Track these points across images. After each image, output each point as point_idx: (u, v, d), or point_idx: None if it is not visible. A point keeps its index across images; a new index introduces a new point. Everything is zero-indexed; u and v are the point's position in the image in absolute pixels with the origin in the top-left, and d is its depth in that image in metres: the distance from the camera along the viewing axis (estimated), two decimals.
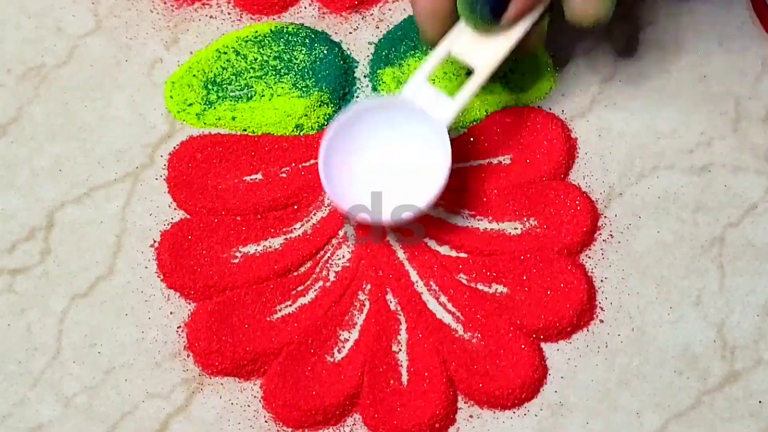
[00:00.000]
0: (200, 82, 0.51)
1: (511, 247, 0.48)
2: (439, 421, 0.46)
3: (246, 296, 0.47)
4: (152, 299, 0.48)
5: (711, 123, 0.51)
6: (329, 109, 0.50)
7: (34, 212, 0.49)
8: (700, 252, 0.49)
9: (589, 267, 0.48)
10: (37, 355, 0.47)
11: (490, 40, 0.45)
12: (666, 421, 0.46)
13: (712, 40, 0.52)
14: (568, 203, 0.49)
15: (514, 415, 0.46)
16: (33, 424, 0.46)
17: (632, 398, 0.46)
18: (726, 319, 0.47)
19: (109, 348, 0.47)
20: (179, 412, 0.46)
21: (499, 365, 0.46)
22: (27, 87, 0.51)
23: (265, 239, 0.48)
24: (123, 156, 0.50)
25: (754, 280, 0.48)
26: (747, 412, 0.46)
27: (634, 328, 0.47)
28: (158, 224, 0.49)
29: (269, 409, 0.46)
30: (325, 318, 0.47)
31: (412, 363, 0.46)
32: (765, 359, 0.47)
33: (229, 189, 0.49)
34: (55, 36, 0.52)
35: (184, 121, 0.51)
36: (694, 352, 0.47)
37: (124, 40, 0.52)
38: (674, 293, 0.48)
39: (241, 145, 0.50)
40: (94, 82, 0.51)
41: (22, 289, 0.48)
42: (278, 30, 0.52)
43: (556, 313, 0.47)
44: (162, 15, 0.53)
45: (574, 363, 0.47)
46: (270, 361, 0.47)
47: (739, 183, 0.50)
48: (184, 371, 0.47)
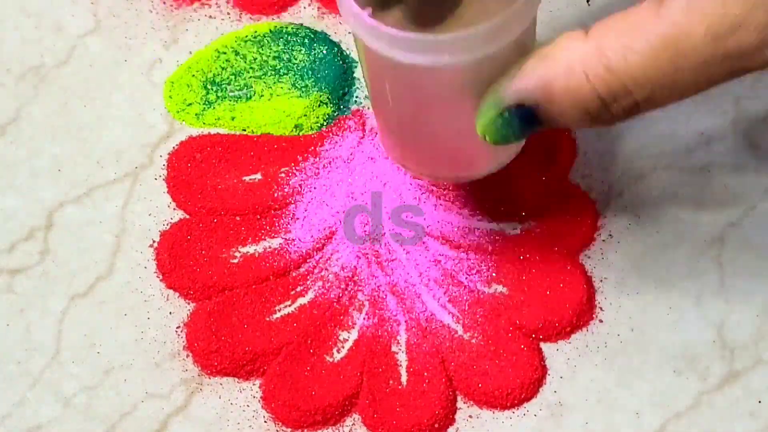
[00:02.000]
0: (199, 82, 0.51)
1: (511, 247, 0.48)
2: (439, 422, 0.46)
3: (245, 296, 0.47)
4: (151, 299, 0.48)
5: (711, 123, 0.51)
6: (328, 109, 0.50)
7: (34, 212, 0.49)
8: (700, 252, 0.49)
9: (588, 267, 0.48)
10: (36, 356, 0.47)
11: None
12: (665, 421, 0.46)
13: None
14: (568, 203, 0.49)
15: (514, 415, 0.46)
16: (32, 424, 0.46)
17: (632, 398, 0.46)
18: (726, 319, 0.47)
19: (109, 348, 0.47)
20: (178, 412, 0.46)
21: (498, 365, 0.46)
22: (26, 87, 0.51)
23: (264, 239, 0.48)
24: (122, 156, 0.50)
25: (754, 280, 0.48)
26: (747, 412, 0.46)
27: (634, 328, 0.47)
28: (157, 224, 0.49)
29: (269, 409, 0.46)
30: (324, 318, 0.47)
31: (412, 363, 0.46)
32: (765, 359, 0.47)
33: (229, 189, 0.49)
34: (55, 36, 0.52)
35: (184, 121, 0.51)
36: (694, 352, 0.47)
37: (123, 40, 0.52)
38: (674, 293, 0.48)
39: (241, 145, 0.50)
40: (94, 82, 0.51)
41: (22, 289, 0.48)
42: (277, 30, 0.52)
43: (555, 313, 0.47)
44: (161, 15, 0.53)
45: (573, 363, 0.47)
46: (269, 361, 0.47)
47: (739, 183, 0.50)
48: (183, 371, 0.47)
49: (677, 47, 0.35)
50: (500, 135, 0.39)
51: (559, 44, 0.37)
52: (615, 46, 0.36)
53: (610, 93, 0.36)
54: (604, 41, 0.36)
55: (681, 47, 0.35)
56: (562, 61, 0.36)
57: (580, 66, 0.36)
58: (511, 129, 0.38)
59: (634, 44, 0.35)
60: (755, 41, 0.35)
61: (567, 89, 0.36)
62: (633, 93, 0.36)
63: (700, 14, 0.35)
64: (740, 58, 0.35)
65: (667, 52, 0.35)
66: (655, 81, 0.36)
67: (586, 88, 0.36)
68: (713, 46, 0.35)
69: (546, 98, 0.37)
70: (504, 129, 0.38)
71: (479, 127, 0.39)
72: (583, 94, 0.36)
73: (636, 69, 0.35)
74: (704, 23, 0.35)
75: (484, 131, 0.39)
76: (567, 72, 0.36)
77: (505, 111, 0.38)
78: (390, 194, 0.49)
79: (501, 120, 0.38)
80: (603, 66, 0.36)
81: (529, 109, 0.37)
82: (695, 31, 0.35)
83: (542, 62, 0.37)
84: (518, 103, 0.38)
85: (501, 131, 0.39)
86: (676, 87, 0.36)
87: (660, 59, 0.35)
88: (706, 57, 0.35)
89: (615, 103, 0.36)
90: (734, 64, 0.35)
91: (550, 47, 0.37)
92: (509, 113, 0.38)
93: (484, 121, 0.39)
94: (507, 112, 0.38)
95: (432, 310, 0.47)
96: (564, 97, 0.37)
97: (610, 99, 0.36)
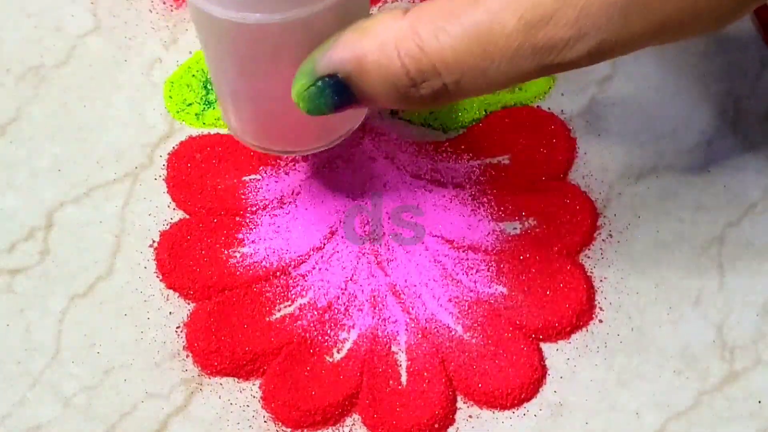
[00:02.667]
0: (199, 82, 0.51)
1: (511, 247, 0.48)
2: (439, 422, 0.46)
3: (245, 296, 0.47)
4: (151, 299, 0.48)
5: (711, 123, 0.51)
6: None
7: (33, 212, 0.49)
8: (700, 252, 0.49)
9: (588, 267, 0.48)
10: (36, 355, 0.47)
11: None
12: (665, 420, 0.46)
13: (711, 40, 0.52)
14: (568, 203, 0.49)
15: (514, 415, 0.46)
16: (32, 424, 0.46)
17: (631, 398, 0.46)
18: (725, 319, 0.47)
19: (109, 348, 0.47)
20: (178, 412, 0.46)
21: (498, 365, 0.46)
22: (26, 87, 0.51)
23: (264, 239, 0.48)
24: (122, 156, 0.50)
25: (753, 280, 0.48)
26: (746, 412, 0.46)
27: (634, 328, 0.47)
28: (157, 224, 0.49)
29: (268, 409, 0.46)
30: (324, 318, 0.47)
31: (412, 363, 0.46)
32: (764, 359, 0.47)
33: (229, 189, 0.49)
34: (54, 36, 0.52)
35: (184, 121, 0.51)
36: (694, 352, 0.47)
37: (123, 40, 0.52)
38: (674, 293, 0.48)
39: (240, 145, 0.50)
40: (93, 82, 0.51)
41: (22, 289, 0.48)
42: None
43: (555, 313, 0.47)
44: (161, 15, 0.53)
45: (573, 363, 0.47)
46: (269, 361, 0.47)
47: (739, 183, 0.50)
48: (183, 371, 0.47)
49: (490, 34, 0.35)
50: (313, 104, 0.39)
51: (377, 19, 0.37)
52: (429, 27, 0.36)
53: (419, 72, 0.36)
54: (420, 21, 0.36)
55: (493, 35, 0.35)
56: (377, 36, 0.37)
57: (393, 42, 0.36)
58: (324, 99, 0.38)
59: (448, 27, 0.36)
60: (565, 35, 0.35)
61: (378, 64, 0.37)
62: (442, 75, 0.36)
63: (515, 3, 0.35)
64: (550, 52, 0.35)
65: (480, 38, 0.35)
66: (465, 65, 0.36)
67: (396, 64, 0.36)
68: (524, 36, 0.35)
69: (358, 71, 0.37)
70: (316, 98, 0.38)
71: (294, 94, 0.39)
72: (393, 71, 0.37)
73: (447, 51, 0.36)
74: (518, 13, 0.35)
75: (298, 99, 0.39)
76: (380, 47, 0.36)
77: (319, 80, 0.38)
78: (390, 194, 0.49)
79: (315, 89, 0.38)
80: (415, 44, 0.36)
81: (342, 81, 0.38)
82: (508, 20, 0.35)
83: (358, 35, 0.37)
84: (331, 72, 0.38)
85: (314, 100, 0.39)
86: (486, 75, 0.36)
87: (471, 44, 0.35)
88: (516, 47, 0.35)
89: (424, 83, 0.37)
90: (544, 58, 0.36)
91: (368, 21, 0.37)
92: (322, 83, 0.38)
93: (298, 88, 0.39)
94: (320, 82, 0.38)
95: (432, 310, 0.47)
96: (375, 71, 0.37)
97: (419, 78, 0.36)
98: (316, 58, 0.38)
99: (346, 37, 0.37)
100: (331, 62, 0.38)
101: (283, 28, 0.38)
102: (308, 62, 0.38)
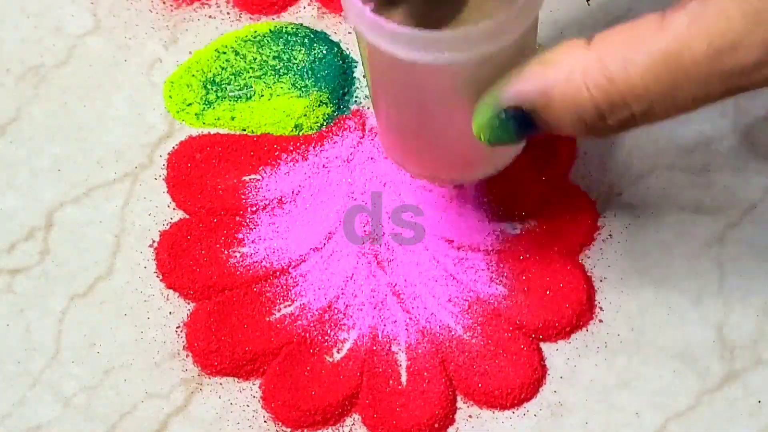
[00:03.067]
0: (199, 82, 0.51)
1: (511, 247, 0.48)
2: (439, 422, 0.46)
3: (245, 296, 0.47)
4: (151, 299, 0.48)
5: (711, 123, 0.51)
6: (328, 109, 0.50)
7: (33, 212, 0.49)
8: (700, 252, 0.48)
9: (588, 267, 0.48)
10: (36, 355, 0.47)
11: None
12: (665, 420, 0.46)
13: None
14: (568, 203, 0.49)
15: (514, 415, 0.46)
16: (32, 424, 0.46)
17: (631, 398, 0.46)
18: (725, 319, 0.47)
19: (108, 348, 0.47)
20: (178, 412, 0.46)
21: (498, 365, 0.46)
22: (26, 87, 0.51)
23: (264, 239, 0.48)
24: (122, 156, 0.50)
25: (753, 280, 0.48)
26: (746, 412, 0.46)
27: (634, 328, 0.47)
28: (157, 224, 0.49)
29: (268, 409, 0.46)
30: (324, 318, 0.47)
31: (412, 363, 0.46)
32: (764, 359, 0.47)
33: (229, 189, 0.49)
34: (54, 36, 0.52)
35: (183, 121, 0.51)
36: (694, 352, 0.47)
37: (123, 40, 0.52)
38: (674, 293, 0.48)
39: (240, 145, 0.50)
40: (93, 82, 0.51)
41: (21, 289, 0.48)
42: (277, 30, 0.52)
43: (555, 313, 0.47)
44: (161, 15, 0.53)
45: (573, 363, 0.47)
46: (269, 361, 0.47)
47: (739, 183, 0.50)
48: (183, 371, 0.47)
49: (678, 62, 0.35)
50: (495, 136, 0.39)
51: (560, 51, 0.37)
52: (616, 57, 0.35)
53: (608, 104, 0.36)
54: (606, 51, 0.36)
55: (682, 62, 0.35)
56: (562, 68, 0.36)
57: (581, 74, 0.36)
58: (507, 131, 0.38)
59: (636, 56, 0.35)
60: (755, 59, 0.34)
61: (565, 96, 0.36)
62: (631, 105, 0.36)
63: (703, 29, 0.35)
64: (740, 76, 0.35)
65: (668, 66, 0.35)
66: (654, 95, 0.35)
67: (584, 96, 0.36)
68: (714, 62, 0.35)
69: (544, 103, 0.37)
70: (499, 131, 0.38)
71: (475, 126, 0.39)
72: (580, 103, 0.36)
73: (636, 81, 0.35)
74: (707, 39, 0.34)
75: (480, 131, 0.39)
76: (567, 79, 0.36)
77: (502, 113, 0.38)
78: (390, 194, 0.49)
79: (497, 121, 0.38)
80: (603, 76, 0.36)
81: (526, 113, 0.38)
82: (697, 46, 0.35)
83: (543, 67, 0.37)
84: (516, 105, 0.38)
85: (496, 133, 0.39)
86: (675, 102, 0.36)
87: (660, 73, 0.35)
88: (706, 73, 0.35)
89: (612, 115, 0.36)
90: (733, 82, 0.35)
91: (552, 53, 0.37)
92: (506, 115, 0.38)
93: (480, 121, 0.39)
94: (504, 114, 0.38)
95: (432, 310, 0.47)
96: (562, 104, 0.37)
97: (608, 110, 0.36)
98: (499, 91, 0.38)
99: (531, 70, 0.37)
100: (516, 95, 0.37)
101: (470, 67, 0.38)
102: (491, 95, 0.38)
